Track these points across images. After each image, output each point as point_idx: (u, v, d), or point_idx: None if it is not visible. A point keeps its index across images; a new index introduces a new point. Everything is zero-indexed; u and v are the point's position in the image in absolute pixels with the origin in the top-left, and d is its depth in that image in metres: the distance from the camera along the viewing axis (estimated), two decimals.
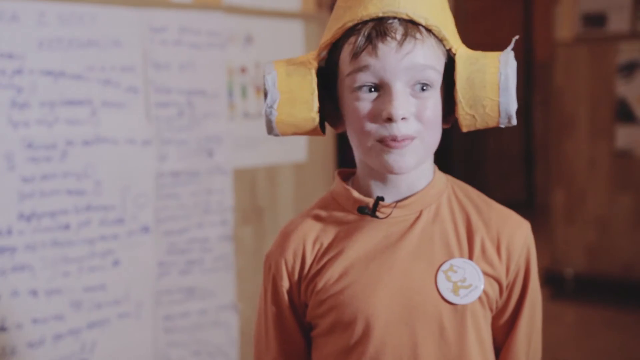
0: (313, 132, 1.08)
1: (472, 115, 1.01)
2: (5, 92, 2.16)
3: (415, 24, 1.00)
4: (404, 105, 0.99)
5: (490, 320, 1.09)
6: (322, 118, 1.09)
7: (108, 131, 2.39)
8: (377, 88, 1.01)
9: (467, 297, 1.04)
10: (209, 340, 2.72)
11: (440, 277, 1.04)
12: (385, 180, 1.08)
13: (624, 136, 4.34)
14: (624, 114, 4.33)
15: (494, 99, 1.00)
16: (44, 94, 2.23)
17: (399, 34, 0.99)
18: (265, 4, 2.90)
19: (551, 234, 4.58)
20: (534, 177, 4.92)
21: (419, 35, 0.99)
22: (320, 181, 3.17)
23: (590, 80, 4.45)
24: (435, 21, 1.00)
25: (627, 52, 4.30)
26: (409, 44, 0.99)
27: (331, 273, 1.07)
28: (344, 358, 1.07)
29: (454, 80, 1.01)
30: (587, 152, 4.49)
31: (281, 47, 2.94)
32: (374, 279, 1.05)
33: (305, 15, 3.05)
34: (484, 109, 1.01)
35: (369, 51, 0.99)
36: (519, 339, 1.10)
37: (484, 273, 1.05)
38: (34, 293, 2.23)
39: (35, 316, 2.23)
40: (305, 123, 1.06)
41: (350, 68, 1.01)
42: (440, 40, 1.02)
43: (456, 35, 1.06)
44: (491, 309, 1.08)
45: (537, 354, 1.14)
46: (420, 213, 1.07)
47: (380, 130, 1.00)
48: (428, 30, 1.00)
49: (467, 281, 1.04)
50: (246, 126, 2.84)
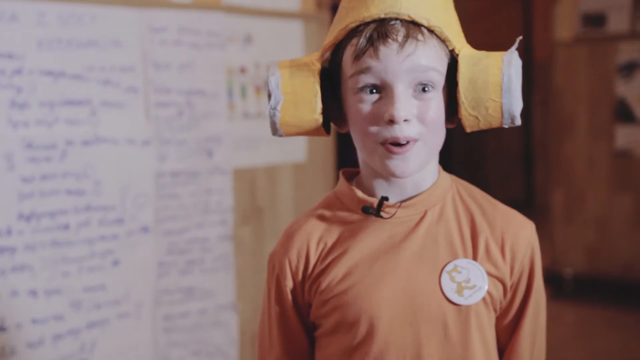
0: (317, 133, 1.08)
1: (475, 116, 1.01)
2: (5, 92, 2.16)
3: (418, 24, 0.99)
4: (405, 107, 0.99)
5: (494, 320, 1.09)
6: (327, 118, 1.09)
7: (108, 131, 2.39)
8: (379, 89, 1.00)
9: (471, 298, 1.04)
10: (208, 340, 2.72)
11: (444, 278, 1.04)
12: (390, 180, 1.07)
13: (624, 136, 4.34)
14: (623, 114, 4.33)
15: (497, 100, 1.00)
16: (43, 94, 2.23)
17: (400, 36, 0.99)
18: (265, 4, 2.90)
19: (551, 234, 4.57)
20: (533, 177, 4.92)
21: (420, 37, 0.99)
22: (320, 181, 3.17)
23: (589, 81, 4.45)
24: (438, 22, 1.00)
25: (627, 52, 4.30)
26: (410, 46, 0.98)
27: (335, 273, 1.07)
28: (348, 358, 1.07)
29: (457, 81, 1.01)
30: (587, 152, 4.48)
31: (281, 47, 2.94)
32: (378, 279, 1.05)
33: (304, 15, 3.05)
34: (487, 110, 1.01)
35: (370, 53, 0.99)
36: (523, 340, 1.10)
37: (488, 274, 1.05)
38: (34, 293, 2.23)
39: (34, 316, 2.23)
40: (308, 124, 1.06)
41: (352, 70, 1.01)
42: (443, 40, 1.02)
43: (460, 35, 1.06)
44: (495, 309, 1.08)
45: (542, 354, 1.13)
46: (425, 213, 1.07)
47: (383, 132, 1.00)
48: (430, 31, 1.00)
49: (471, 282, 1.04)
50: (246, 126, 2.84)
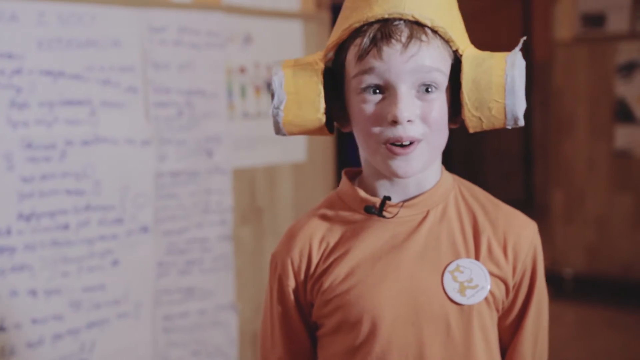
0: (320, 132, 1.08)
1: (479, 117, 1.01)
2: (5, 92, 2.16)
3: (421, 25, 0.99)
4: (408, 107, 0.99)
5: (496, 320, 1.09)
6: (330, 118, 1.09)
7: (107, 131, 2.38)
8: (383, 90, 1.00)
9: (474, 298, 1.04)
10: (208, 340, 2.72)
11: (447, 277, 1.04)
12: (392, 180, 1.07)
13: (623, 136, 4.34)
14: (623, 114, 4.33)
15: (500, 101, 1.00)
16: (43, 94, 2.23)
17: (404, 36, 0.98)
18: (265, 4, 2.90)
19: (550, 234, 4.57)
20: (533, 177, 4.92)
21: (424, 37, 0.99)
22: (320, 181, 3.17)
23: (589, 80, 4.45)
24: (442, 22, 1.00)
25: (627, 52, 4.30)
26: (413, 47, 0.98)
27: (337, 272, 1.07)
28: (350, 358, 1.07)
29: (460, 82, 1.01)
30: (587, 152, 4.49)
31: (280, 47, 2.94)
32: (380, 278, 1.05)
33: (304, 15, 3.05)
34: (490, 111, 1.00)
35: (373, 54, 0.99)
36: (526, 339, 1.10)
37: (491, 273, 1.05)
38: (33, 293, 2.23)
39: (34, 316, 2.23)
40: (311, 124, 1.06)
41: (355, 70, 1.01)
42: (447, 41, 1.01)
43: (464, 35, 1.05)
44: (497, 309, 1.08)
45: (544, 354, 1.13)
46: (427, 213, 1.07)
47: (386, 132, 1.00)
48: (434, 31, 1.00)
49: (474, 281, 1.04)
50: (245, 126, 2.84)
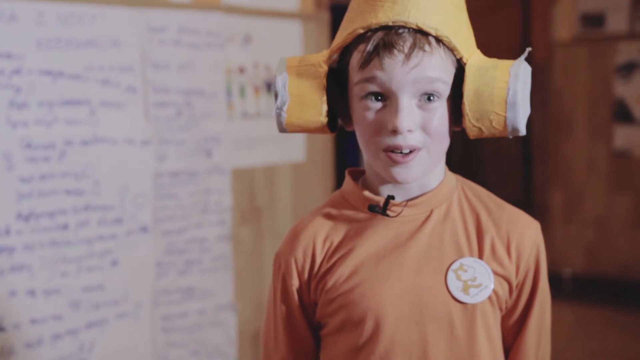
0: (322, 132, 1.09)
1: (479, 128, 1.01)
2: (4, 92, 2.15)
3: (426, 34, 0.99)
4: (409, 117, 0.99)
5: (499, 319, 1.09)
6: (334, 117, 1.09)
7: (107, 131, 2.38)
8: (384, 98, 1.01)
9: (477, 296, 1.04)
10: (207, 340, 2.72)
11: (451, 276, 1.05)
12: None
13: (622, 136, 4.34)
14: (622, 114, 4.33)
15: (501, 114, 1.00)
16: (42, 94, 2.23)
17: (406, 46, 0.98)
18: (264, 4, 2.90)
19: (549, 234, 4.57)
20: (532, 178, 4.92)
21: (427, 47, 0.98)
22: (319, 181, 3.17)
23: (588, 81, 4.45)
24: (447, 31, 0.99)
25: (626, 53, 4.31)
26: (416, 57, 0.98)
27: (341, 271, 1.07)
28: (354, 357, 1.07)
29: (462, 91, 1.01)
30: (586, 153, 4.49)
31: (280, 47, 2.94)
32: (384, 277, 1.05)
33: (303, 15, 3.05)
34: (491, 122, 1.00)
35: (375, 63, 0.99)
36: (529, 339, 1.10)
37: (494, 272, 1.06)
38: (32, 293, 2.23)
39: (33, 316, 2.23)
40: (314, 125, 1.06)
41: (358, 77, 1.01)
42: (451, 49, 1.01)
43: (469, 40, 1.05)
44: (501, 308, 1.08)
45: (547, 353, 1.14)
46: (431, 212, 1.08)
47: (386, 140, 1.00)
48: (438, 40, 0.99)
49: (477, 280, 1.04)
50: (245, 126, 2.84)
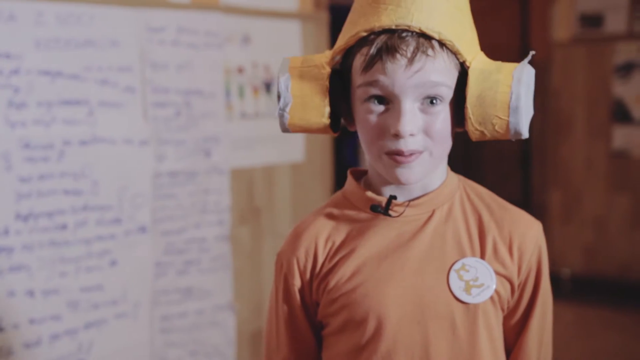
0: (324, 132, 1.09)
1: (482, 131, 1.01)
2: (2, 92, 2.15)
3: (429, 37, 0.98)
4: (411, 121, 0.99)
5: (501, 319, 1.09)
6: (337, 117, 1.09)
7: (105, 131, 2.38)
8: (387, 101, 1.00)
9: (479, 296, 1.04)
10: (206, 340, 2.72)
11: (453, 276, 1.05)
12: None
13: (621, 136, 4.34)
14: (620, 114, 4.33)
15: (504, 118, 1.00)
16: (41, 94, 2.23)
17: (409, 51, 0.97)
18: (263, 4, 2.89)
19: (548, 234, 4.49)
20: (530, 178, 4.93)
21: (430, 52, 0.98)
22: (318, 181, 3.16)
23: (587, 81, 4.45)
24: (450, 34, 0.99)
25: (624, 53, 4.31)
26: (419, 62, 0.97)
27: (343, 271, 1.07)
28: (356, 356, 1.07)
29: (465, 95, 1.01)
30: (584, 153, 4.49)
31: (279, 47, 2.94)
32: (386, 277, 1.05)
33: (302, 16, 3.05)
34: (493, 126, 1.00)
35: (378, 67, 0.98)
36: (530, 339, 1.10)
37: (496, 273, 1.06)
38: (31, 293, 2.22)
39: (32, 316, 2.23)
40: (316, 126, 1.07)
41: (360, 80, 1.01)
42: (454, 52, 1.01)
43: (473, 43, 1.05)
44: (502, 308, 1.08)
45: (548, 353, 1.14)
46: (433, 212, 1.08)
47: (388, 144, 1.00)
48: (441, 44, 0.99)
49: (479, 280, 1.05)
50: (243, 126, 2.84)
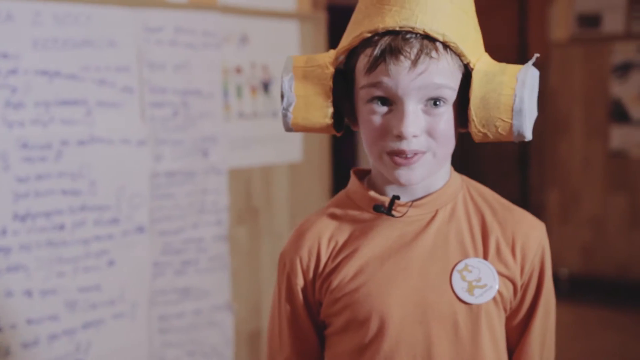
0: (328, 131, 1.09)
1: (485, 133, 1.01)
2: (0, 92, 2.15)
3: (433, 39, 0.98)
4: (414, 123, 0.99)
5: (504, 320, 1.09)
6: (340, 117, 1.09)
7: (103, 131, 2.38)
8: (390, 102, 1.00)
9: (482, 297, 1.04)
10: (203, 340, 2.71)
11: (455, 277, 1.05)
12: None
13: (619, 136, 4.35)
14: (618, 114, 4.34)
15: (507, 120, 0.99)
16: (38, 94, 2.23)
17: (413, 53, 0.97)
18: (261, 4, 2.89)
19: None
20: (528, 177, 4.93)
21: (434, 54, 0.98)
22: (316, 181, 3.16)
23: (585, 81, 4.46)
24: (454, 36, 0.99)
25: (622, 53, 4.31)
26: (422, 64, 0.97)
27: (346, 271, 1.07)
28: (358, 356, 1.07)
29: (469, 97, 1.01)
30: (582, 153, 4.49)
31: (277, 47, 2.94)
32: (389, 277, 1.06)
33: (300, 16, 3.05)
34: (497, 128, 1.00)
35: (382, 69, 0.98)
36: (533, 340, 1.10)
37: (499, 273, 1.06)
38: (29, 293, 2.22)
39: (29, 316, 2.23)
40: (319, 126, 1.07)
41: (364, 81, 1.01)
42: (458, 54, 1.00)
43: (478, 45, 1.04)
44: (505, 309, 1.08)
45: (551, 354, 1.14)
46: (436, 213, 1.08)
47: (390, 144, 1.00)
48: (445, 46, 0.99)
49: (482, 281, 1.05)
50: (241, 126, 2.84)
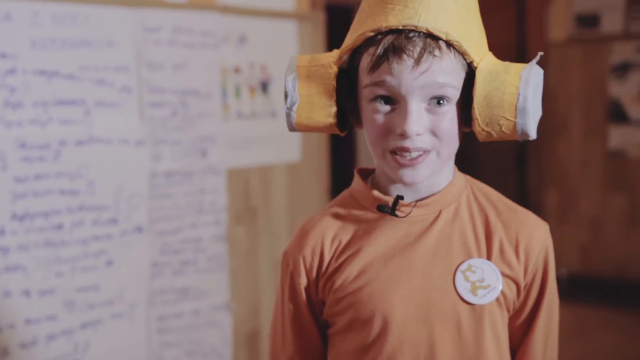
0: (331, 131, 1.09)
1: (489, 132, 1.01)
2: None
3: (436, 38, 0.98)
4: (417, 122, 0.99)
5: (507, 320, 1.09)
6: (344, 116, 1.09)
7: (101, 131, 2.38)
8: (393, 101, 1.00)
9: (485, 298, 1.04)
10: (202, 340, 2.71)
11: (459, 277, 1.05)
12: None
13: (617, 136, 4.35)
14: (617, 114, 4.34)
15: (511, 119, 0.99)
16: (37, 94, 2.23)
17: (416, 51, 0.97)
18: (259, 4, 2.89)
19: None
20: (527, 177, 4.94)
21: (437, 52, 0.98)
22: (314, 181, 3.16)
23: (583, 81, 4.46)
24: (457, 35, 0.98)
25: (620, 53, 4.32)
26: (425, 63, 0.97)
27: (349, 271, 1.07)
28: (361, 356, 1.07)
29: (472, 96, 1.01)
30: (581, 153, 4.50)
31: (275, 47, 2.94)
32: (393, 277, 1.05)
33: (299, 16, 3.05)
34: (500, 127, 1.00)
35: (385, 67, 0.98)
36: (536, 340, 1.10)
37: (502, 274, 1.06)
38: (27, 293, 2.22)
39: (28, 316, 2.23)
40: (323, 125, 1.07)
41: (367, 80, 1.01)
42: (462, 53, 1.00)
43: (481, 44, 1.04)
44: (508, 309, 1.08)
45: (554, 354, 1.14)
46: (440, 213, 1.08)
47: (394, 143, 1.00)
48: (449, 44, 0.99)
49: (486, 281, 1.05)
50: (240, 126, 2.84)
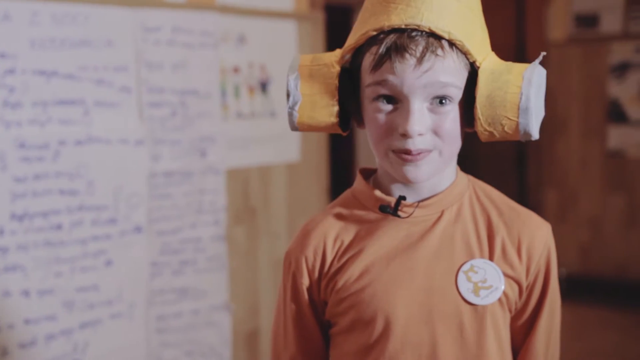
0: (333, 130, 1.09)
1: (491, 132, 1.01)
2: None
3: (438, 37, 0.98)
4: (420, 121, 0.99)
5: (509, 321, 1.09)
6: (346, 116, 1.09)
7: (101, 131, 2.38)
8: (395, 101, 1.00)
9: (488, 298, 1.04)
10: (201, 340, 2.71)
11: (461, 278, 1.05)
12: None
13: (616, 136, 4.35)
14: (616, 114, 4.34)
15: (514, 119, 0.99)
16: (36, 94, 2.23)
17: (418, 50, 0.97)
18: (259, 4, 2.89)
19: None
20: (526, 177, 4.94)
21: (440, 52, 0.98)
22: (313, 181, 3.17)
23: (582, 81, 4.46)
24: (460, 34, 0.98)
25: (620, 53, 4.32)
26: (428, 62, 0.97)
27: (352, 271, 1.07)
28: (363, 356, 1.07)
29: (475, 95, 1.01)
30: (580, 153, 4.50)
31: (274, 47, 2.94)
32: (395, 278, 1.06)
33: (298, 15, 3.05)
34: (503, 127, 1.00)
35: (387, 67, 0.98)
36: (538, 341, 1.10)
37: (504, 274, 1.06)
38: (26, 293, 2.22)
39: (27, 316, 2.23)
40: (325, 125, 1.07)
41: (369, 79, 1.01)
42: (464, 53, 1.00)
43: (484, 43, 1.04)
44: (510, 310, 1.08)
45: (556, 355, 1.14)
46: (442, 213, 1.08)
47: (396, 143, 1.00)
48: (451, 44, 0.98)
49: (488, 282, 1.05)
50: (239, 126, 2.84)
